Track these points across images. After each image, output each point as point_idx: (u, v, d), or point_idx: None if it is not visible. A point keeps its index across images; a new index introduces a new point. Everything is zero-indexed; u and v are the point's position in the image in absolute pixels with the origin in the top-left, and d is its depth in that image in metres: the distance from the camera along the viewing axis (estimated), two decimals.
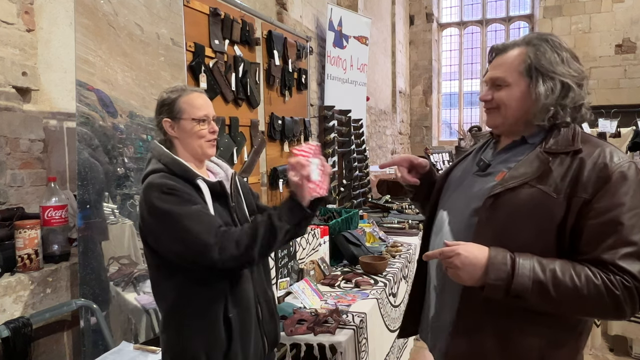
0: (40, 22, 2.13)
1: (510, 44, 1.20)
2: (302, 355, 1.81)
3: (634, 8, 8.44)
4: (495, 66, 1.20)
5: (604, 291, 1.00)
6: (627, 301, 1.00)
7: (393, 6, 8.17)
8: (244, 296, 1.40)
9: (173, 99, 1.41)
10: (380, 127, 7.43)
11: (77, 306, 1.81)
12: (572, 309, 1.05)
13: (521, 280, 1.01)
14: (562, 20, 8.96)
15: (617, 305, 1.00)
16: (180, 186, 1.31)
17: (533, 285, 1.01)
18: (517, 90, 1.16)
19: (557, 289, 1.01)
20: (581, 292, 1.00)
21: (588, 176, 1.05)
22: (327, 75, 4.88)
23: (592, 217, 1.03)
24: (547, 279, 1.01)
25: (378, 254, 2.97)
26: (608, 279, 1.00)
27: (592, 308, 1.03)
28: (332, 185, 4.66)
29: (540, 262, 1.03)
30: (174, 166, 1.35)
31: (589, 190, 1.04)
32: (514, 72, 1.16)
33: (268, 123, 3.41)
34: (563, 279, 1.01)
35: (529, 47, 1.15)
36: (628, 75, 8.58)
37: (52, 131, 2.19)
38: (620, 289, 0.99)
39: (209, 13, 2.69)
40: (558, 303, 1.03)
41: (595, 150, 1.08)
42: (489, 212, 1.12)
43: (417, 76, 9.86)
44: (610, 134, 5.54)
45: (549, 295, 1.01)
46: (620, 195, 1.03)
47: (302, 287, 2.24)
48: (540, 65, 1.12)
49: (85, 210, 1.87)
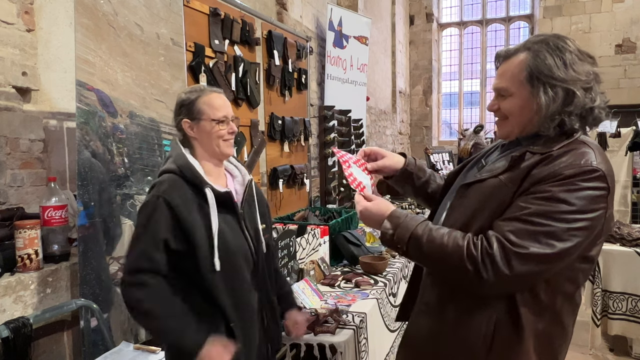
0: (40, 22, 2.13)
1: (512, 50, 1.16)
2: (302, 355, 1.81)
3: (634, 8, 8.45)
4: (499, 75, 1.18)
5: (464, 249, 1.05)
6: (486, 265, 1.02)
7: (393, 6, 8.17)
8: (248, 306, 1.41)
9: (192, 99, 1.42)
10: (380, 127, 7.43)
11: (77, 306, 1.81)
12: (437, 265, 1.14)
13: (403, 231, 1.15)
14: (562, 20, 8.96)
15: (474, 266, 1.03)
16: (158, 216, 1.30)
17: (410, 236, 1.13)
18: (520, 99, 1.13)
19: (428, 244, 1.11)
20: (445, 248, 1.08)
21: (540, 170, 1.06)
22: (327, 75, 4.88)
23: (518, 197, 1.07)
24: (423, 234, 1.12)
25: (378, 254, 2.97)
26: (474, 241, 1.05)
27: (452, 265, 1.07)
28: (332, 185, 4.66)
29: (427, 223, 1.15)
30: (186, 170, 1.35)
31: (533, 180, 1.05)
32: (515, 81, 1.13)
33: (268, 123, 3.41)
34: (435, 236, 1.11)
35: (529, 53, 1.11)
36: (628, 75, 8.58)
37: (52, 131, 2.19)
38: (480, 251, 1.03)
39: (209, 13, 2.69)
40: (427, 256, 1.13)
41: (565, 150, 1.07)
42: (460, 198, 1.20)
43: (417, 76, 9.86)
44: (610, 134, 5.54)
45: (422, 248, 1.12)
46: (554, 185, 1.02)
47: (302, 287, 2.24)
48: (540, 73, 1.08)
49: (89, 208, 1.87)
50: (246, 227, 1.44)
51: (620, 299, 3.14)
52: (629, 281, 3.12)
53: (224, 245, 1.34)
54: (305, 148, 4.03)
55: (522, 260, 1.00)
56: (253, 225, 1.48)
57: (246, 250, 1.42)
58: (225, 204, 1.38)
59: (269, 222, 1.62)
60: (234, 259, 1.38)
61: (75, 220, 1.90)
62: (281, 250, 2.30)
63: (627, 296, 3.13)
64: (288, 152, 3.70)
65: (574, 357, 3.18)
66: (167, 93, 2.36)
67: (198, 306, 1.35)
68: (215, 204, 1.34)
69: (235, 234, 1.40)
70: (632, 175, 5.61)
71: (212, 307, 1.35)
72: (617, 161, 5.58)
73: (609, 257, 3.17)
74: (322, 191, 4.66)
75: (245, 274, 1.41)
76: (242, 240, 1.42)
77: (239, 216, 1.43)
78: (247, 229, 1.44)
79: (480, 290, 1.08)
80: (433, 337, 1.22)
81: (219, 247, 1.32)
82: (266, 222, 1.58)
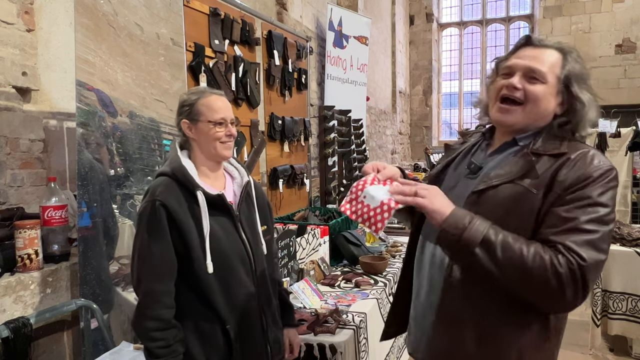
0: (40, 22, 2.13)
1: (544, 43, 1.16)
2: (302, 355, 1.81)
3: (634, 8, 8.44)
4: (532, 57, 1.13)
5: (548, 266, 1.01)
6: (569, 282, 1.00)
7: (393, 6, 8.17)
8: (245, 308, 1.41)
9: (192, 101, 1.43)
10: (380, 127, 7.42)
11: (77, 306, 1.81)
12: (515, 276, 1.04)
13: (473, 234, 1.04)
14: (562, 20, 8.96)
15: (559, 283, 1.00)
16: (158, 216, 1.32)
17: (482, 241, 1.04)
18: (550, 92, 1.12)
19: (504, 252, 1.03)
20: (526, 260, 1.02)
21: (566, 174, 1.07)
22: (327, 75, 4.88)
23: (558, 205, 1.06)
24: (497, 240, 1.04)
25: (378, 254, 2.97)
26: (555, 256, 1.02)
27: (534, 281, 1.02)
28: (332, 185, 4.66)
29: (496, 228, 1.06)
30: (178, 172, 1.36)
31: (564, 186, 1.06)
32: (553, 73, 1.12)
33: (268, 123, 3.41)
34: (512, 245, 1.03)
35: (563, 55, 1.13)
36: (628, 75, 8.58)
37: (52, 131, 2.19)
38: (565, 268, 1.00)
39: (209, 13, 2.69)
40: (502, 266, 1.03)
41: (578, 152, 1.09)
42: (472, 206, 1.13)
43: (417, 76, 9.86)
44: (610, 134, 5.53)
45: (496, 255, 1.03)
46: (589, 190, 1.05)
47: (302, 287, 2.24)
48: (575, 76, 1.12)
49: (92, 209, 1.88)
50: (243, 229, 1.44)
51: (620, 299, 3.14)
52: (629, 281, 3.12)
53: (216, 247, 1.35)
54: (305, 148, 4.03)
55: (593, 272, 1.02)
56: (251, 227, 1.48)
57: (242, 252, 1.42)
58: (218, 207, 1.39)
59: (270, 224, 1.62)
60: (228, 261, 1.39)
61: (76, 220, 1.90)
62: (281, 250, 2.30)
63: (627, 296, 3.13)
64: (288, 152, 3.70)
65: (574, 357, 3.18)
66: (167, 93, 2.36)
67: (194, 308, 1.36)
68: (206, 206, 1.35)
69: (230, 236, 1.40)
70: (632, 175, 5.61)
71: (207, 309, 1.36)
72: (617, 161, 5.57)
73: (609, 257, 3.13)
74: (322, 191, 4.66)
75: (241, 275, 1.41)
76: (238, 242, 1.42)
77: (235, 218, 1.43)
78: (244, 231, 1.44)
79: (556, 307, 1.08)
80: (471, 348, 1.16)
81: (211, 249, 1.34)
82: (267, 224, 1.58)
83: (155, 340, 1.28)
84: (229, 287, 1.38)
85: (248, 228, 1.46)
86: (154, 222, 1.31)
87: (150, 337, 1.28)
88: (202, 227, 1.34)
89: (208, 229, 1.34)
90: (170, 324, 1.31)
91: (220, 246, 1.36)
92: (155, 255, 1.31)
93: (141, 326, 1.30)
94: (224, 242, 1.38)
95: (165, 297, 1.31)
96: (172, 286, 1.33)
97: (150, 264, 1.31)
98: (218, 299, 1.35)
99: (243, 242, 1.43)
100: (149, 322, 1.29)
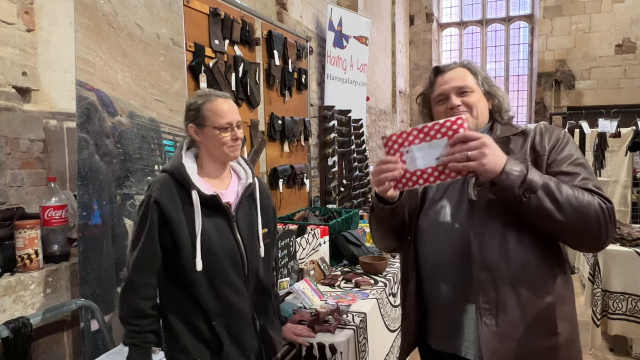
0: (40, 22, 2.14)
1: (450, 66, 1.38)
2: (302, 355, 1.81)
3: (634, 8, 8.45)
4: (452, 79, 1.35)
5: (596, 204, 1.14)
6: (610, 218, 1.15)
7: (393, 6, 8.17)
8: (235, 308, 1.43)
9: (198, 105, 1.45)
10: (380, 127, 7.43)
11: (77, 306, 1.81)
12: (573, 215, 1.13)
13: (535, 177, 1.13)
14: (562, 20, 8.96)
15: (604, 219, 1.14)
16: (152, 216, 1.36)
17: (543, 184, 1.13)
18: (479, 94, 1.35)
19: (561, 194, 1.13)
20: (581, 200, 1.13)
21: (540, 141, 1.27)
22: (327, 75, 4.88)
23: (555, 165, 1.22)
24: (554, 183, 1.14)
25: (378, 254, 2.97)
26: (593, 196, 1.16)
27: (590, 217, 1.13)
28: (332, 185, 4.66)
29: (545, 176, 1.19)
30: (176, 171, 1.39)
31: (549, 148, 1.25)
32: (473, 82, 1.35)
33: (268, 123, 3.41)
34: (566, 188, 1.14)
35: (467, 68, 1.37)
36: (628, 75, 8.59)
37: (52, 131, 2.19)
38: (606, 204, 1.15)
39: (209, 13, 2.69)
40: (562, 206, 1.12)
41: (533, 126, 1.32)
42: (479, 192, 1.24)
43: (417, 76, 9.86)
44: (610, 134, 5.53)
45: (556, 196, 1.12)
46: (568, 149, 1.25)
47: (302, 287, 2.24)
48: (484, 77, 1.37)
49: (103, 207, 1.91)
50: (239, 229, 1.44)
51: (620, 299, 3.14)
52: (629, 281, 3.12)
53: (207, 246, 1.37)
54: (305, 148, 4.03)
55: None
56: (249, 228, 1.48)
57: (234, 253, 1.43)
58: (213, 207, 1.40)
59: (272, 227, 1.62)
60: (218, 261, 1.40)
61: (75, 220, 1.90)
62: (281, 250, 2.30)
63: (627, 296, 3.13)
64: (288, 152, 3.70)
65: None
66: (167, 93, 2.36)
67: (183, 303, 1.39)
68: (199, 205, 1.37)
69: (223, 237, 1.41)
70: (632, 175, 5.60)
71: (194, 306, 1.39)
72: (617, 161, 5.58)
73: (609, 257, 3.17)
74: (322, 191, 4.66)
75: (231, 276, 1.42)
76: (231, 242, 1.43)
77: (230, 219, 1.44)
78: (240, 232, 1.44)
79: (600, 243, 1.18)
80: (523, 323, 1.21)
81: (202, 248, 1.36)
82: (269, 226, 1.58)
83: (130, 324, 1.37)
84: (217, 286, 1.40)
85: (245, 229, 1.47)
86: (144, 217, 1.36)
87: (126, 321, 1.37)
88: (195, 225, 1.36)
89: (200, 228, 1.36)
90: (145, 314, 1.37)
91: (211, 245, 1.38)
92: (140, 249, 1.36)
93: (120, 310, 1.40)
94: (215, 241, 1.39)
95: (143, 289, 1.37)
96: (152, 279, 1.39)
97: (135, 256, 1.37)
98: (205, 297, 1.38)
99: (237, 243, 1.44)
100: (126, 308, 1.38)
